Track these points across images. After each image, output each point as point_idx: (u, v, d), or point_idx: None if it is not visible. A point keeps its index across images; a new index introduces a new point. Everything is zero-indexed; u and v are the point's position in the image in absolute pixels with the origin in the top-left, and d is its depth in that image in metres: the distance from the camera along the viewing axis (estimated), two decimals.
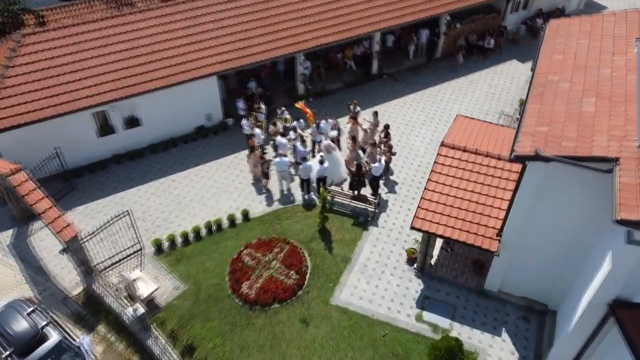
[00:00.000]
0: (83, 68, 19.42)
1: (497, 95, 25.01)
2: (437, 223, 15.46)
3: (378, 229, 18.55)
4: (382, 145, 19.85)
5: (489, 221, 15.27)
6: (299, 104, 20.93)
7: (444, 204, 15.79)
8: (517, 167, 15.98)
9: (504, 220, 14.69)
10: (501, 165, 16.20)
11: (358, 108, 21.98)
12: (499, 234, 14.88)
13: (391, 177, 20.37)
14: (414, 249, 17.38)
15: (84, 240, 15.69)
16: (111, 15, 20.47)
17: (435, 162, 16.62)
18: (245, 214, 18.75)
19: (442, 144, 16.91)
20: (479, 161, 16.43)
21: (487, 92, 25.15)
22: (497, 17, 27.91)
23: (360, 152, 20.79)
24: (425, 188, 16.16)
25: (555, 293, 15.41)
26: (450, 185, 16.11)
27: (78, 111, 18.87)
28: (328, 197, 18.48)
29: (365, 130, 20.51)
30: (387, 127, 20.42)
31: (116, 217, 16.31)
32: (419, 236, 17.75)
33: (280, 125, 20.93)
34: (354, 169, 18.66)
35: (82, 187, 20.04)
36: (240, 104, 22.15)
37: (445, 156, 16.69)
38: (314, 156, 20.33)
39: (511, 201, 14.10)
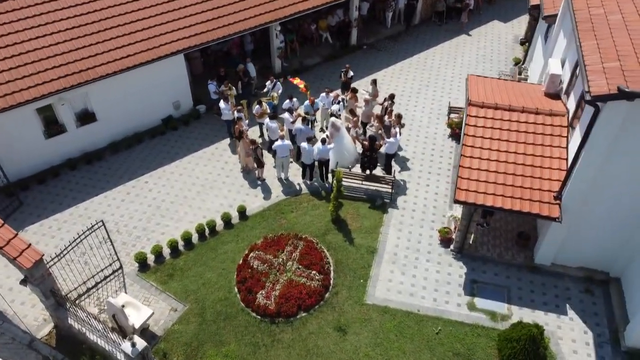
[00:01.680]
0: (19, 53, 15.60)
1: (488, 56, 23.16)
2: (484, 193, 13.15)
3: (399, 210, 16.04)
4: (387, 117, 17.33)
5: (542, 184, 13.12)
6: (296, 81, 18.09)
7: (486, 170, 13.51)
8: (559, 120, 14.04)
9: (565, 180, 12.56)
10: (541, 120, 14.13)
11: (351, 73, 19.45)
12: (558, 196, 12.75)
13: (399, 153, 17.88)
14: (448, 229, 15.01)
15: (51, 263, 12.19)
16: None
17: (466, 125, 14.31)
18: (242, 211, 15.70)
19: (470, 103, 14.63)
20: (515, 118, 14.29)
21: (477, 55, 23.24)
22: None
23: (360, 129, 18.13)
24: (461, 155, 13.80)
25: (620, 258, 13.52)
26: (489, 149, 13.87)
27: (17, 107, 15.06)
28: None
29: (366, 102, 17.88)
30: (392, 96, 17.92)
31: (89, 230, 12.92)
32: (449, 213, 15.44)
33: (266, 105, 17.95)
34: (366, 143, 16.00)
35: (32, 202, 16.23)
36: (212, 87, 18.92)
37: (476, 116, 14.42)
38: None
39: (576, 156, 11.96)
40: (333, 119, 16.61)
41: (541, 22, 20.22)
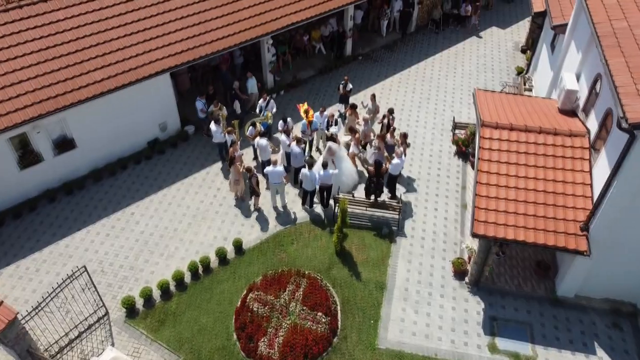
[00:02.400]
0: None
1: (489, 65, 22.16)
2: (504, 225, 12.08)
3: (407, 239, 14.92)
4: (389, 135, 16.23)
5: (566, 213, 12.09)
6: (303, 108, 16.73)
7: (505, 198, 12.43)
8: (580, 142, 13.01)
9: (593, 210, 11.53)
10: (560, 141, 13.10)
11: (350, 85, 18.31)
12: (585, 227, 11.72)
13: (403, 173, 16.73)
14: (462, 260, 13.92)
15: (25, 319, 10.85)
16: (18, 4, 15.23)
17: (480, 148, 13.22)
18: (238, 245, 14.46)
19: (483, 124, 13.54)
20: (532, 140, 13.24)
21: (477, 64, 22.23)
22: None
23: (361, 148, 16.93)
24: (476, 182, 12.71)
25: None
26: (507, 174, 12.80)
27: None
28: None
29: (365, 120, 16.74)
30: (391, 112, 16.85)
31: (69, 278, 11.61)
32: (464, 244, 14.35)
33: (260, 127, 16.73)
34: (372, 168, 14.84)
35: (8, 239, 14.80)
36: (200, 104, 17.54)
37: (490, 139, 13.34)
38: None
39: (607, 185, 10.93)
40: (330, 143, 15.45)
41: (546, 30, 19.28)
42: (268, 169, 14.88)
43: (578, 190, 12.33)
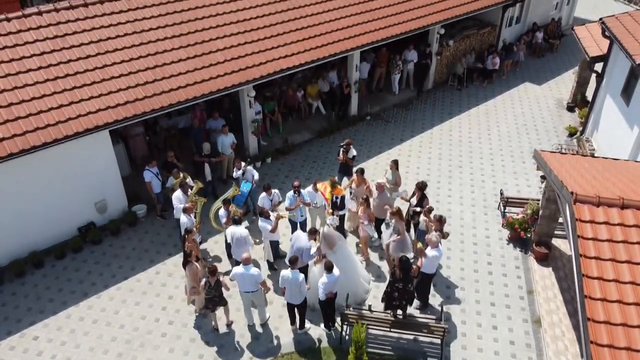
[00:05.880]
0: None
1: (531, 126, 17.65)
2: None
3: None
4: (424, 217, 11.29)
5: None
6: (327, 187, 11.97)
7: (638, 326, 7.21)
8: None
9: None
10: None
11: (354, 152, 13.58)
12: None
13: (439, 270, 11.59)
14: None
15: None
16: None
17: (579, 238, 8.15)
18: None
19: (577, 200, 8.58)
20: None
21: (517, 124, 17.74)
22: (492, 31, 21.28)
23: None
24: (585, 296, 7.52)
25: None
26: (633, 283, 7.65)
27: None
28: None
29: (380, 188, 11.81)
30: (421, 187, 11.92)
31: None
32: None
33: (236, 207, 11.81)
34: (398, 269, 9.64)
35: None
36: (149, 176, 12.59)
37: (593, 222, 8.32)
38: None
39: None
40: (326, 228, 10.52)
41: (610, 78, 15.01)
42: (236, 270, 9.75)
43: None
